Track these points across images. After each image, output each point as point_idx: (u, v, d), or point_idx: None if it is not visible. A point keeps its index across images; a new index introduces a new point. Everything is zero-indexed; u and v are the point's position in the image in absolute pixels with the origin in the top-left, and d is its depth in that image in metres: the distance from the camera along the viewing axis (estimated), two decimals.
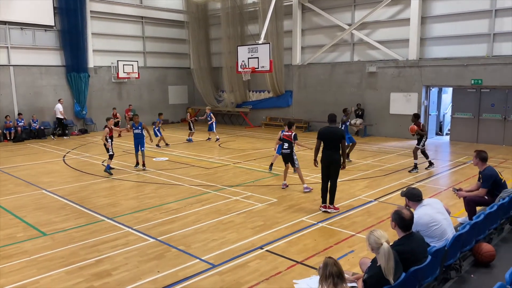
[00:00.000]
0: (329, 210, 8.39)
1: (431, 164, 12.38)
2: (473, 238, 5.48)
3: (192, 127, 18.61)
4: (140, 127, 12.91)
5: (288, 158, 10.22)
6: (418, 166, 12.10)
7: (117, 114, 21.86)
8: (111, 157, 12.22)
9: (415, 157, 12.08)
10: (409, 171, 12.02)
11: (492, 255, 5.40)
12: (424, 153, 12.24)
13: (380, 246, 3.79)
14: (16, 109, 20.28)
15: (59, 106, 20.44)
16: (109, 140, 12.15)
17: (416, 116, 12.26)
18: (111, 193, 10.15)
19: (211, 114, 18.48)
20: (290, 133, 10.18)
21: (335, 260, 3.62)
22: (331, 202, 8.46)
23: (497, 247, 5.78)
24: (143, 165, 12.85)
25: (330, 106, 20.33)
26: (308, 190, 9.94)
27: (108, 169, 12.08)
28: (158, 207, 8.96)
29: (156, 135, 16.72)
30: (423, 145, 12.10)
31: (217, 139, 18.24)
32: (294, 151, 10.20)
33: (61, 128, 20.69)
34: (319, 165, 8.47)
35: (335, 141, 8.22)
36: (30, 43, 20.62)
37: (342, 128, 13.07)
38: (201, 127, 21.37)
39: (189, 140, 18.55)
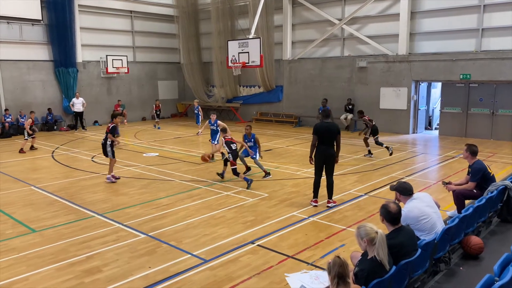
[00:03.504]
0: (330, 205, 8.45)
1: (370, 152, 13.48)
2: (462, 231, 5.54)
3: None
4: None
5: (103, 149, 10.85)
6: (387, 148, 13.24)
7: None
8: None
9: (380, 144, 13.33)
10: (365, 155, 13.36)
11: (481, 247, 5.46)
12: (366, 141, 13.53)
13: (375, 236, 3.81)
14: (3, 104, 19.98)
15: (79, 100, 21.16)
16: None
17: (360, 113, 13.92)
18: (101, 189, 10.08)
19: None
20: (110, 125, 10.85)
21: (342, 261, 3.54)
22: (330, 196, 8.53)
23: (486, 240, 5.86)
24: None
25: (320, 101, 20.40)
26: (109, 181, 10.64)
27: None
28: (149, 202, 8.92)
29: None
30: (369, 134, 13.44)
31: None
32: (108, 142, 10.69)
33: (79, 121, 21.46)
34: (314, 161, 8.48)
35: (331, 137, 8.24)
36: (17, 37, 20.28)
37: None
38: (190, 122, 21.27)
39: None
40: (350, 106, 19.72)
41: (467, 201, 7.09)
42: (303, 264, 5.88)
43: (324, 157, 8.31)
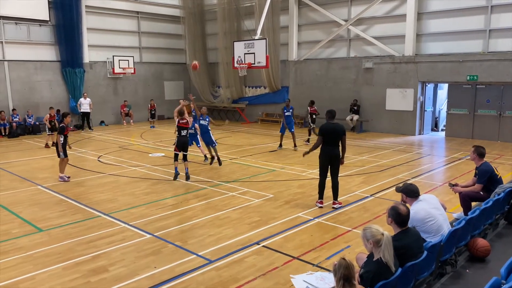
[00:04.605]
0: (335, 206, 8.44)
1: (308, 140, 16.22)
2: (469, 233, 5.51)
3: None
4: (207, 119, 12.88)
5: (56, 149, 11.08)
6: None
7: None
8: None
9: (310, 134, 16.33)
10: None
11: (487, 250, 5.43)
12: (310, 130, 16.55)
13: (381, 238, 3.81)
14: (10, 104, 20.14)
15: (86, 100, 21.30)
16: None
17: (312, 102, 16.78)
18: (107, 189, 10.12)
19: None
20: (60, 125, 11.07)
21: (347, 263, 3.55)
22: (335, 197, 8.53)
23: (492, 242, 5.82)
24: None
25: (326, 102, 20.36)
26: (62, 180, 10.81)
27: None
28: (155, 202, 8.95)
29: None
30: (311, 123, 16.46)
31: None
32: (60, 141, 10.83)
33: (86, 121, 21.50)
34: (306, 157, 8.52)
35: (337, 138, 8.25)
36: (24, 38, 20.46)
37: (288, 114, 15.27)
38: None
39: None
40: (356, 107, 19.66)
41: (473, 203, 7.05)
42: (309, 266, 5.88)
43: (329, 158, 8.30)
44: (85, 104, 21.20)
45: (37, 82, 21.00)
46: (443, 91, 20.20)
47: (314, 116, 16.53)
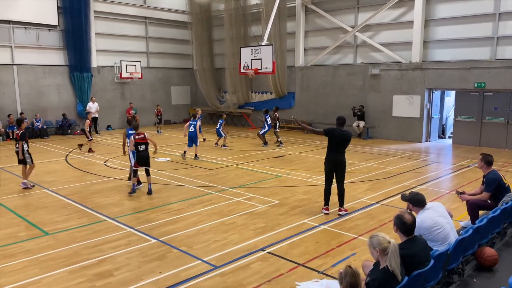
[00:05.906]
0: (341, 213, 8.40)
1: (280, 143, 17.31)
2: (476, 242, 5.46)
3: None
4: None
5: (23, 157, 10.76)
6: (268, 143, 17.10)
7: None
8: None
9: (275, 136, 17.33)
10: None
11: (495, 259, 5.37)
12: (276, 133, 17.45)
13: (387, 246, 3.79)
14: (19, 108, 20.33)
15: (94, 105, 21.50)
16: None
17: (277, 108, 18.03)
18: (114, 193, 10.15)
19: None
20: (19, 132, 10.71)
21: (354, 271, 3.54)
22: (341, 204, 8.50)
23: (500, 252, 5.76)
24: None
25: (332, 108, 20.40)
26: (24, 186, 10.61)
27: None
28: (160, 207, 8.97)
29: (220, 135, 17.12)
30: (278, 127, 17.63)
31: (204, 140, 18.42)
32: (25, 148, 10.72)
33: (93, 125, 21.34)
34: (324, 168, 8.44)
35: (344, 145, 8.26)
36: (33, 42, 20.68)
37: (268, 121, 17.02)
38: (207, 128, 21.34)
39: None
40: (360, 113, 19.56)
41: (481, 212, 6.98)
42: (314, 273, 5.85)
43: (335, 164, 8.29)
44: (93, 109, 21.29)
45: (45, 86, 21.19)
46: (450, 98, 20.11)
47: (278, 122, 17.61)
